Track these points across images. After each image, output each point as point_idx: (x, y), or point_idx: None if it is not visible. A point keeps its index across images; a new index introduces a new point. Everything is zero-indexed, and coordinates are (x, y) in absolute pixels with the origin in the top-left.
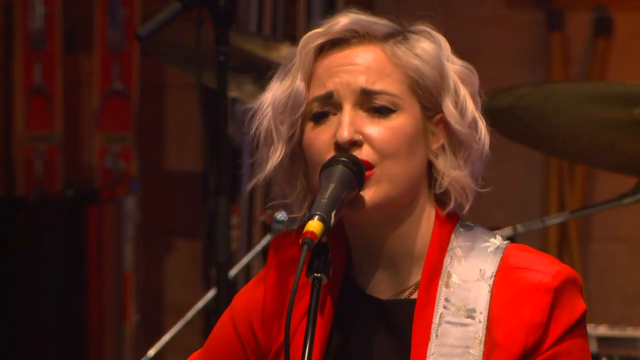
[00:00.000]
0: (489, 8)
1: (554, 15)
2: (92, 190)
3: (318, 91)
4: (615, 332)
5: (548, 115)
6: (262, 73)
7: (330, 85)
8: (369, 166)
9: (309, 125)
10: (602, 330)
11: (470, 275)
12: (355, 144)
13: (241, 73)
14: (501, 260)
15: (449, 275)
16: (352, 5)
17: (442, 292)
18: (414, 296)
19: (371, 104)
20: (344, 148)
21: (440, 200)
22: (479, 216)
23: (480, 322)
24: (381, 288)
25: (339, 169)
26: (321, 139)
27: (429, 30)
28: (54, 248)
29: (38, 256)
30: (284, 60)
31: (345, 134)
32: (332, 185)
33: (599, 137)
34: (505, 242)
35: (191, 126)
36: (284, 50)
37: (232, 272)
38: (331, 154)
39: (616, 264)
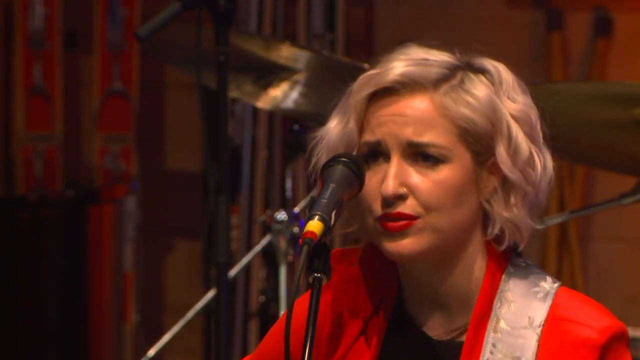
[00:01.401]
0: (489, 8)
1: (554, 15)
2: (92, 190)
3: (368, 137)
4: None
5: (548, 115)
6: (262, 73)
7: (378, 134)
8: (412, 218)
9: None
10: None
11: (519, 322)
12: (401, 197)
13: (241, 73)
14: (550, 308)
15: (498, 320)
16: (353, 6)
17: (489, 336)
18: (463, 338)
19: (419, 155)
20: (388, 203)
21: (495, 239)
22: None
23: None
24: (432, 325)
25: (339, 169)
26: (370, 185)
27: (490, 66)
28: (54, 248)
29: (38, 256)
30: (345, 94)
31: (389, 188)
32: (332, 186)
33: (599, 137)
34: (556, 285)
35: (191, 126)
36: (284, 50)
37: (232, 272)
38: (378, 203)
39: (616, 264)
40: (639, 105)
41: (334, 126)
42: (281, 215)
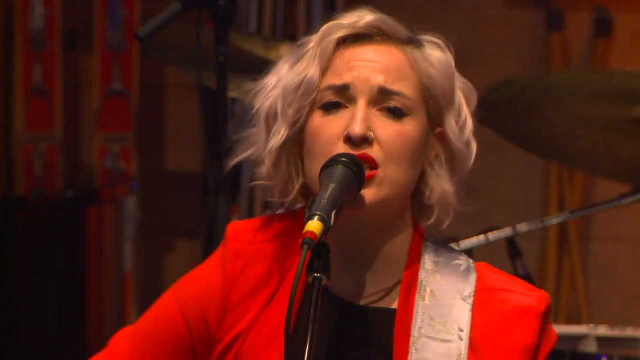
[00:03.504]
0: (489, 8)
1: (554, 15)
2: (92, 190)
3: (334, 81)
4: (615, 332)
5: (546, 114)
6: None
7: (347, 78)
8: (375, 165)
9: (317, 113)
10: (602, 330)
11: (448, 292)
12: (366, 140)
13: (241, 73)
14: (477, 280)
15: (426, 290)
16: (355, 6)
17: (419, 305)
18: (385, 304)
19: (386, 103)
20: (355, 143)
21: (422, 212)
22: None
23: (462, 339)
24: (352, 292)
25: (339, 169)
26: (330, 130)
27: (442, 41)
28: (54, 248)
29: (38, 256)
30: (298, 45)
31: (357, 129)
32: (332, 186)
33: (596, 141)
34: (470, 260)
35: (191, 126)
36: (284, 50)
37: None
38: (339, 146)
39: (616, 264)
40: (638, 104)
41: (285, 73)
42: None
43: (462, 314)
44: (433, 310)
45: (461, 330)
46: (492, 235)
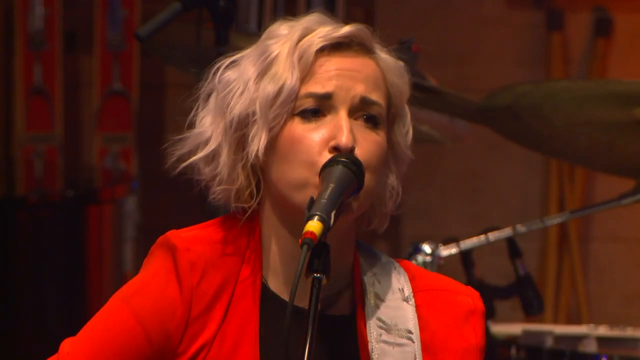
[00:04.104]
0: (489, 8)
1: (554, 15)
2: (92, 190)
3: (315, 89)
4: (615, 332)
5: (547, 115)
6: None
7: (329, 87)
8: None
9: (295, 119)
10: (602, 330)
11: (392, 295)
12: (352, 151)
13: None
14: (411, 280)
15: (370, 294)
16: (353, 6)
17: (370, 310)
18: (336, 310)
19: (364, 112)
20: (343, 154)
21: (373, 217)
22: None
23: (414, 342)
24: (300, 297)
25: (339, 170)
26: (313, 138)
27: (391, 49)
28: (54, 248)
29: (38, 256)
30: (256, 47)
31: (346, 140)
32: (331, 186)
33: (597, 138)
34: (390, 258)
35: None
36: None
37: None
38: (324, 155)
39: (616, 264)
40: (638, 105)
41: (256, 79)
42: None
43: (407, 315)
44: (383, 314)
45: (410, 332)
46: (492, 235)
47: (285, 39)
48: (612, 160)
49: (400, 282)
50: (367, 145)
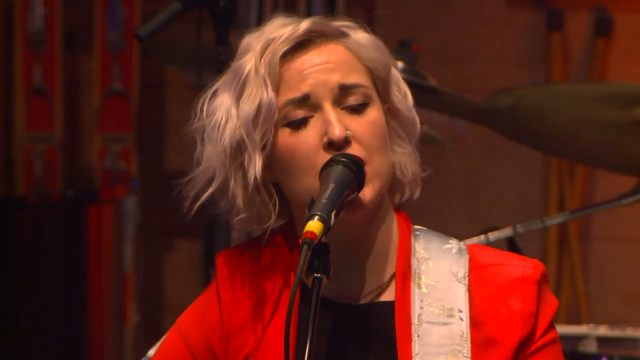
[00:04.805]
0: (489, 8)
1: (554, 15)
2: (92, 190)
3: (291, 95)
4: (615, 332)
5: (548, 116)
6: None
7: (304, 88)
8: (364, 163)
9: (284, 131)
10: (602, 330)
11: (442, 276)
12: (347, 140)
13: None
14: (469, 260)
15: (420, 277)
16: (352, 6)
17: (415, 293)
18: (383, 298)
19: (348, 101)
20: (337, 146)
21: (394, 191)
22: (478, 216)
23: (462, 319)
24: (345, 293)
25: (338, 169)
26: (307, 143)
27: (355, 23)
28: (54, 248)
29: (38, 256)
30: (231, 70)
31: (338, 132)
32: (331, 186)
33: (598, 138)
34: (462, 242)
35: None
36: None
37: None
38: (321, 155)
39: (616, 264)
40: (639, 105)
41: (232, 104)
42: None
43: (458, 296)
44: (429, 296)
45: (460, 311)
46: (492, 235)
47: (251, 54)
48: (613, 159)
49: (455, 263)
50: (362, 129)
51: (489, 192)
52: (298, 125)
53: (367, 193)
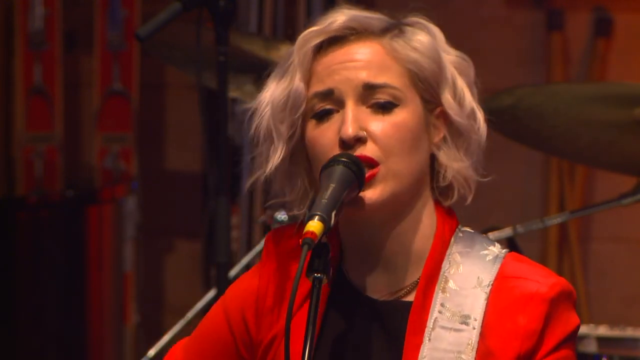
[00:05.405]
0: (489, 8)
1: (554, 15)
2: (92, 190)
3: (317, 88)
4: (615, 332)
5: (548, 116)
6: (262, 73)
7: (330, 83)
8: (374, 163)
9: (311, 123)
10: (602, 330)
11: (468, 282)
12: (360, 140)
13: (241, 73)
14: (499, 269)
15: (446, 281)
16: (350, 4)
17: (438, 296)
18: (409, 297)
19: (374, 99)
20: (348, 145)
21: (442, 193)
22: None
23: (474, 328)
24: (375, 287)
25: (339, 169)
26: (326, 137)
27: (423, 21)
28: (54, 248)
29: (38, 256)
30: (282, 59)
31: (349, 130)
32: (332, 186)
33: (598, 138)
34: (504, 251)
35: (191, 126)
36: (284, 50)
37: (232, 272)
38: (336, 151)
39: (616, 265)
40: (639, 105)
41: (273, 90)
42: (281, 215)
43: (477, 303)
44: (450, 300)
45: (475, 320)
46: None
47: (296, 44)
48: (613, 159)
49: (485, 271)
50: (382, 130)
51: (489, 192)
52: (322, 117)
53: (373, 193)
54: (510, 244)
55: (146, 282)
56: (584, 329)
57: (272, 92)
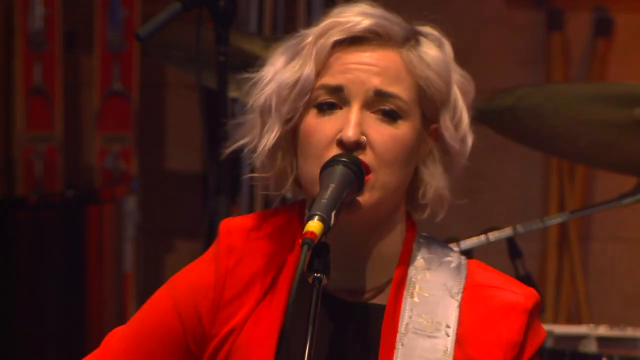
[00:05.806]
0: (489, 8)
1: (554, 15)
2: (92, 190)
3: (328, 81)
4: (615, 332)
5: (548, 116)
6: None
7: (341, 80)
8: (367, 170)
9: (312, 111)
10: (602, 330)
11: (436, 289)
12: (359, 145)
13: (241, 73)
14: (467, 277)
15: (414, 287)
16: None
17: (407, 301)
18: (376, 300)
19: (381, 106)
20: (347, 147)
21: (417, 208)
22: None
23: (448, 335)
24: (343, 288)
25: (339, 169)
26: (324, 132)
27: (437, 34)
28: (54, 248)
29: (38, 256)
30: (294, 37)
31: (351, 133)
32: (332, 186)
33: (598, 138)
34: (463, 257)
35: (191, 126)
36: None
37: None
38: (331, 149)
39: (616, 264)
40: (639, 105)
41: (280, 68)
42: None
43: (449, 311)
44: (420, 307)
45: (448, 327)
46: (492, 235)
47: (315, 30)
48: (613, 159)
49: (452, 278)
50: (381, 139)
51: (489, 192)
52: (324, 109)
53: (364, 199)
54: (510, 244)
55: (146, 282)
56: (584, 329)
57: (280, 70)
